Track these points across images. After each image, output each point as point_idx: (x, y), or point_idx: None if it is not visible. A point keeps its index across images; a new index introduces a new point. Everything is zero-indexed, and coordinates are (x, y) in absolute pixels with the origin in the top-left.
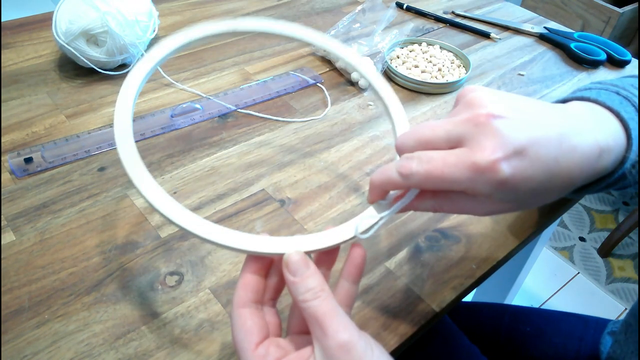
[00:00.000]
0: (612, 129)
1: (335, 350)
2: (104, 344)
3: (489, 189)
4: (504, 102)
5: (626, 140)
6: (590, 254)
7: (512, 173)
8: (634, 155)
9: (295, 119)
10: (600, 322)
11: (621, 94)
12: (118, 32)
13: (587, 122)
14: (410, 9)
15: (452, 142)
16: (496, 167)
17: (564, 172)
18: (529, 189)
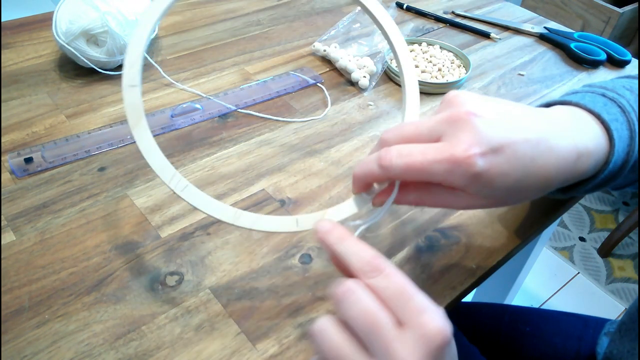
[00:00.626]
0: (592, 132)
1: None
2: (104, 344)
3: (465, 181)
4: (485, 104)
5: (608, 141)
6: (590, 254)
7: (487, 168)
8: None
9: (295, 119)
10: (600, 322)
11: (607, 95)
12: (118, 32)
13: (566, 125)
14: (410, 9)
15: (433, 138)
16: (472, 160)
17: (540, 172)
18: (505, 185)
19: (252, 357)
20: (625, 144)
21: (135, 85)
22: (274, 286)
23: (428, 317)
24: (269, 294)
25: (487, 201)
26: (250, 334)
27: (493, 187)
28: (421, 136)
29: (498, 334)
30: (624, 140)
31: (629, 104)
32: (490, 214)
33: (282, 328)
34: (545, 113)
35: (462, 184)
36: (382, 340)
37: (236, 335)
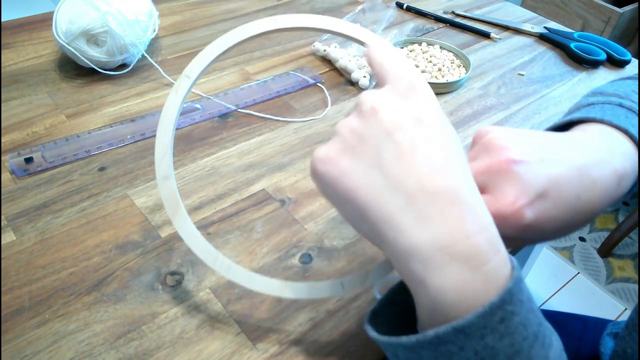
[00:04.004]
0: (625, 151)
1: None
2: (104, 344)
3: (516, 233)
4: (520, 144)
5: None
6: (590, 254)
7: (536, 217)
8: None
9: (295, 119)
10: (600, 323)
11: (625, 105)
12: (118, 32)
13: (601, 150)
14: (410, 9)
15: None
16: (520, 213)
17: (586, 207)
18: (554, 228)
19: (253, 356)
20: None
21: (169, 176)
22: None
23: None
24: None
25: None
26: (251, 334)
27: (543, 232)
28: None
29: None
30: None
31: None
32: None
33: (282, 328)
34: (577, 140)
35: (513, 235)
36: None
37: (236, 335)
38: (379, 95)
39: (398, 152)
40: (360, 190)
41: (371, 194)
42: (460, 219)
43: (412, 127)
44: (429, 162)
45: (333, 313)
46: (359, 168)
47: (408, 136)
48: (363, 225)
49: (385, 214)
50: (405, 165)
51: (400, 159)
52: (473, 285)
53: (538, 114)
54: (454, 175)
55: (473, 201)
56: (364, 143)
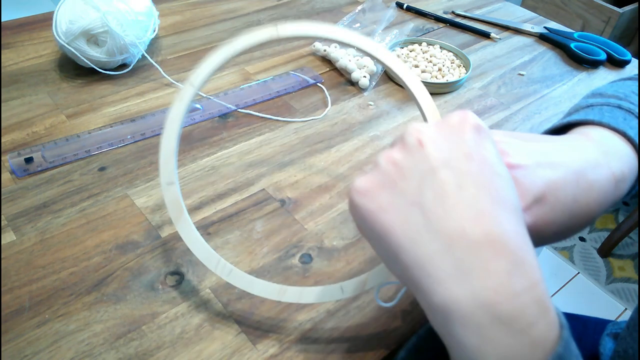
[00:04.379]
0: (623, 153)
1: None
2: (104, 344)
3: None
4: (518, 148)
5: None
6: (590, 254)
7: (534, 221)
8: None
9: (295, 119)
10: (599, 323)
11: (623, 107)
12: (118, 32)
13: (598, 153)
14: (410, 9)
15: None
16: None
17: (584, 210)
18: (551, 232)
19: (253, 356)
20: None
21: (173, 182)
22: None
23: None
24: None
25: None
26: (251, 334)
27: (541, 236)
28: None
29: None
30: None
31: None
32: None
33: (282, 328)
34: (574, 143)
35: None
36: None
37: (236, 335)
38: (427, 127)
39: (442, 192)
40: (396, 229)
41: (408, 233)
42: (506, 273)
43: (460, 165)
44: (474, 205)
45: (333, 313)
46: (398, 204)
47: (455, 174)
48: (396, 267)
49: (420, 258)
50: (448, 206)
51: (444, 199)
52: (517, 350)
53: (538, 114)
54: (502, 222)
55: (522, 253)
56: (406, 178)
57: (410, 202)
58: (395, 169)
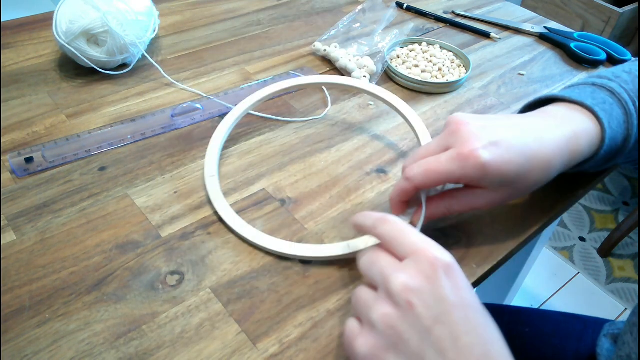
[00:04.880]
0: (578, 119)
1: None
2: (104, 344)
3: (476, 173)
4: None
5: (598, 123)
6: (590, 254)
7: (491, 157)
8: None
9: (295, 119)
10: (599, 323)
11: (597, 83)
12: (118, 32)
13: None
14: (411, 8)
15: (442, 150)
16: (477, 153)
17: (538, 155)
18: (511, 171)
19: (253, 356)
20: (621, 120)
21: (214, 175)
22: (275, 286)
23: (424, 248)
24: (270, 293)
25: (503, 192)
26: (251, 334)
27: (502, 174)
28: (432, 152)
29: None
30: (616, 118)
31: (622, 86)
32: (491, 213)
33: (282, 327)
34: (530, 115)
35: (475, 176)
36: (378, 269)
37: (237, 335)
38: (409, 282)
39: (440, 348)
40: None
41: None
42: None
43: (449, 317)
44: (471, 353)
45: (333, 313)
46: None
47: (447, 328)
48: None
49: None
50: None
51: (444, 354)
52: None
53: None
54: (495, 357)
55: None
56: (406, 341)
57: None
58: (393, 332)
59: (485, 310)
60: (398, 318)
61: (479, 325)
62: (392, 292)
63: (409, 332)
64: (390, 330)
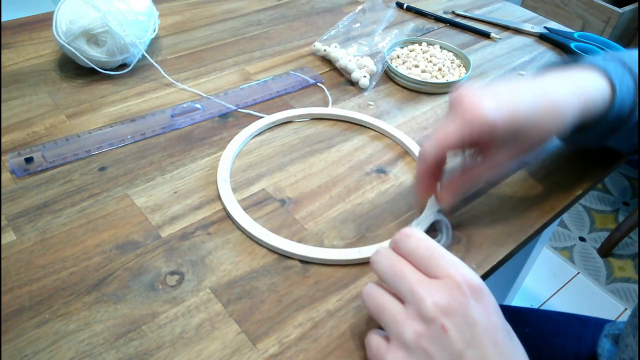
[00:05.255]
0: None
1: None
2: (104, 344)
3: (486, 129)
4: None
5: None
6: (590, 254)
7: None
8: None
9: (295, 119)
10: (599, 323)
11: (607, 57)
12: (118, 32)
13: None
14: (411, 8)
15: None
16: (480, 111)
17: (547, 101)
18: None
19: (253, 356)
20: (631, 89)
21: (226, 180)
22: (275, 286)
23: (457, 271)
24: (270, 293)
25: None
26: (251, 334)
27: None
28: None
29: None
30: (626, 85)
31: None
32: (491, 213)
33: (282, 328)
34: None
35: (485, 132)
36: (407, 284)
37: (236, 335)
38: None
39: None
40: None
41: None
42: None
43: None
44: None
45: (333, 313)
46: None
47: (479, 353)
48: None
49: None
50: None
51: None
52: None
53: None
54: None
55: None
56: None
57: None
58: (425, 354)
59: (513, 333)
60: (431, 340)
61: (507, 348)
62: (425, 313)
63: (440, 354)
64: (423, 351)
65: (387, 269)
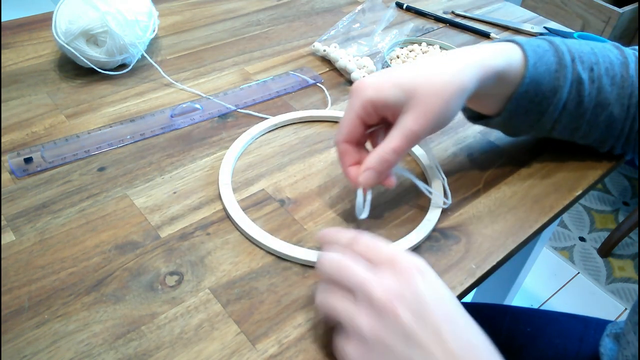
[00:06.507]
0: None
1: None
2: (103, 344)
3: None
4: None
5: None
6: (590, 254)
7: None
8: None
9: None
10: (601, 323)
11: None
12: (118, 32)
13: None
14: (410, 8)
15: None
16: (362, 82)
17: (437, 64)
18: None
19: (252, 357)
20: (551, 68)
21: (228, 183)
22: (274, 286)
23: (399, 256)
24: (269, 294)
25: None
26: (250, 334)
27: (398, 86)
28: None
29: (499, 334)
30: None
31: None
32: (491, 214)
33: (281, 328)
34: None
35: (376, 101)
36: (353, 277)
37: (236, 335)
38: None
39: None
40: None
41: None
42: None
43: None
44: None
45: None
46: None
47: (431, 330)
48: None
49: None
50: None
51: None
52: None
53: None
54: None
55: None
56: (393, 349)
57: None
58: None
59: (461, 306)
60: (386, 329)
61: (459, 316)
62: (374, 299)
63: (394, 338)
64: (381, 343)
65: (333, 268)
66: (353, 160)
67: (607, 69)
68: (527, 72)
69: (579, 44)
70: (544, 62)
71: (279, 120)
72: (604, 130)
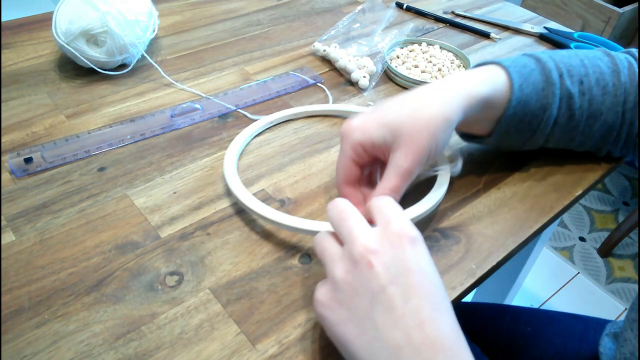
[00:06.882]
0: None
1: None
2: (103, 344)
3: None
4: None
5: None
6: (590, 254)
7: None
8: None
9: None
10: (601, 323)
11: (528, 54)
12: (118, 32)
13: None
14: (410, 9)
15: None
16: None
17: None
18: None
19: (252, 357)
20: (538, 87)
21: (235, 175)
22: (274, 286)
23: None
24: (269, 294)
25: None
26: (250, 334)
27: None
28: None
29: (499, 334)
30: (532, 83)
31: (552, 57)
32: (491, 214)
33: (282, 328)
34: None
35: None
36: (347, 226)
37: (236, 336)
38: (373, 244)
39: (390, 306)
40: (353, 340)
41: (363, 344)
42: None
43: (405, 280)
44: (418, 314)
45: None
46: (354, 319)
47: (401, 289)
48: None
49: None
50: (395, 318)
51: (391, 313)
52: None
53: None
54: (440, 325)
55: (457, 347)
56: (360, 296)
57: (364, 316)
58: (349, 288)
59: (443, 287)
60: (357, 275)
61: (433, 292)
62: (354, 253)
63: (364, 288)
64: (347, 285)
65: (333, 213)
66: (356, 200)
67: (597, 79)
68: (513, 95)
69: (568, 56)
70: (530, 83)
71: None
72: (599, 138)
